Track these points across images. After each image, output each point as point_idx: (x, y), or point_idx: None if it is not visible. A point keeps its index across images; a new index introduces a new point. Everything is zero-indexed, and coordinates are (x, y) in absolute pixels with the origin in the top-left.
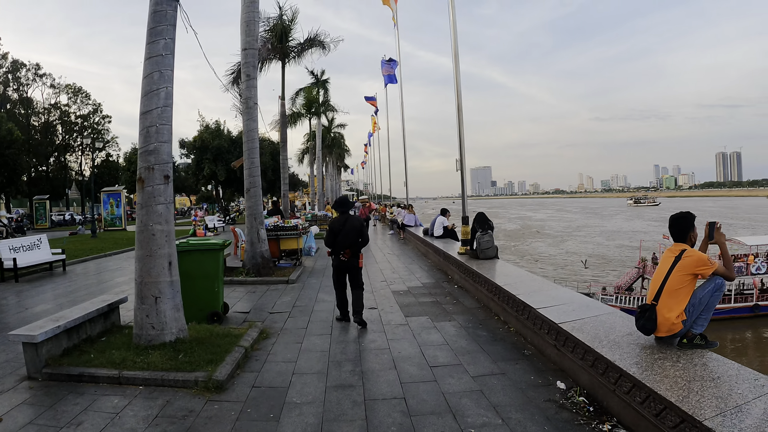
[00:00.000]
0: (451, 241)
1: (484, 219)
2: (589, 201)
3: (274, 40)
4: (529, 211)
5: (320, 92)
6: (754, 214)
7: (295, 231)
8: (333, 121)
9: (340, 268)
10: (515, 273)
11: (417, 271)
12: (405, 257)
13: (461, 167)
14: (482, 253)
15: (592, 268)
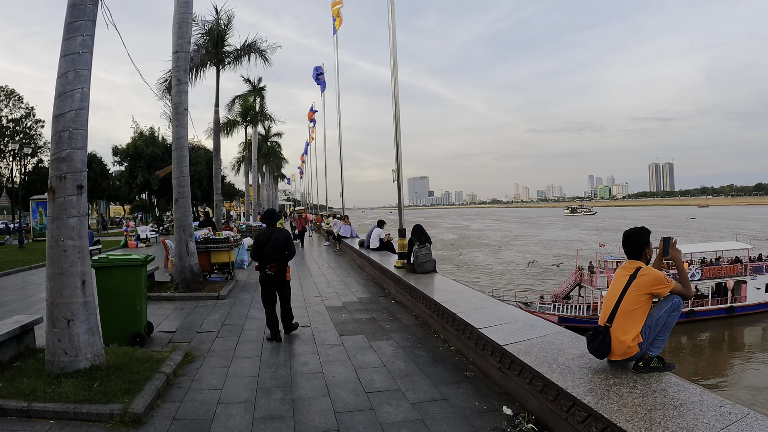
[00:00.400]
0: (388, 253)
1: (421, 231)
2: (525, 211)
3: (209, 44)
4: (466, 221)
5: (257, 100)
6: (687, 222)
7: (226, 243)
8: (270, 130)
9: (268, 282)
10: (455, 288)
11: (353, 285)
12: (341, 270)
13: (398, 178)
14: (420, 267)
15: (530, 276)
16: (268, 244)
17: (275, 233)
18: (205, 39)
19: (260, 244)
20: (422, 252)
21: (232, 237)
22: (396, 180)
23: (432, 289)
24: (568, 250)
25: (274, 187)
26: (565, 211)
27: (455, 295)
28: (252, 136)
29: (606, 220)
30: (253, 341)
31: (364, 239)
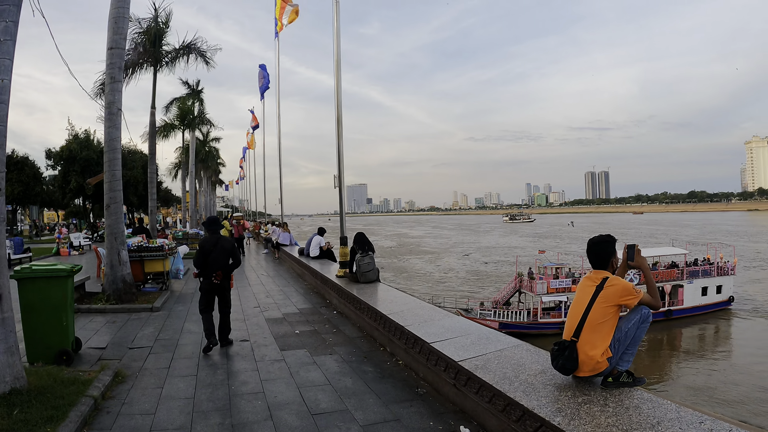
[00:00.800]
0: (329, 262)
1: (364, 240)
2: (464, 218)
3: (147, 43)
4: (405, 228)
5: (195, 104)
6: (625, 228)
7: (160, 252)
8: (208, 134)
9: (211, 291)
10: (401, 299)
11: (293, 295)
12: (280, 279)
13: (339, 184)
14: (363, 277)
15: (469, 283)
16: (213, 252)
17: (221, 241)
18: (143, 38)
19: (205, 252)
20: (365, 261)
21: (167, 245)
22: (337, 186)
23: (377, 300)
24: (507, 256)
25: (211, 193)
26: (504, 218)
27: (402, 306)
28: (190, 140)
29: (544, 227)
30: (189, 358)
31: (304, 247)
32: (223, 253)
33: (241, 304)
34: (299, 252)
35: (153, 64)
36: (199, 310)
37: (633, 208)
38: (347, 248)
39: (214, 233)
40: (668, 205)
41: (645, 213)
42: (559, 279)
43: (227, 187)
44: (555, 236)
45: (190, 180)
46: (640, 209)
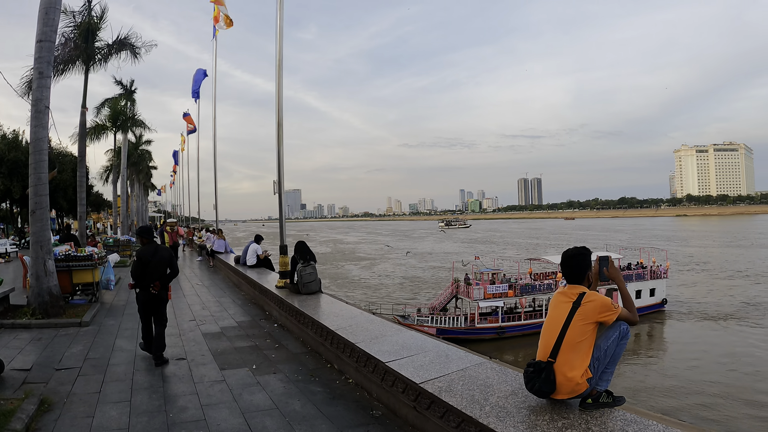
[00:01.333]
0: (267, 271)
1: (305, 249)
2: (398, 224)
3: (79, 38)
4: (339, 234)
5: (128, 105)
6: (559, 234)
7: (89, 261)
8: (141, 137)
9: (149, 302)
10: (347, 312)
11: (230, 307)
12: (216, 289)
13: (279, 190)
14: (304, 288)
15: (405, 290)
16: (152, 261)
17: (159, 250)
18: (75, 33)
19: (143, 262)
20: (307, 271)
21: (97, 254)
22: (277, 192)
23: (321, 314)
24: (443, 262)
25: (144, 198)
26: (440, 224)
27: (349, 320)
28: (122, 142)
29: (479, 232)
30: (121, 380)
31: (240, 255)
32: (161, 263)
33: (176, 317)
34: (235, 260)
35: (85, 61)
36: (140, 318)
37: (564, 214)
38: (287, 257)
39: (150, 242)
40: (599, 210)
41: (576, 219)
42: (495, 285)
43: (160, 192)
44: (490, 242)
45: (121, 184)
46: (571, 215)
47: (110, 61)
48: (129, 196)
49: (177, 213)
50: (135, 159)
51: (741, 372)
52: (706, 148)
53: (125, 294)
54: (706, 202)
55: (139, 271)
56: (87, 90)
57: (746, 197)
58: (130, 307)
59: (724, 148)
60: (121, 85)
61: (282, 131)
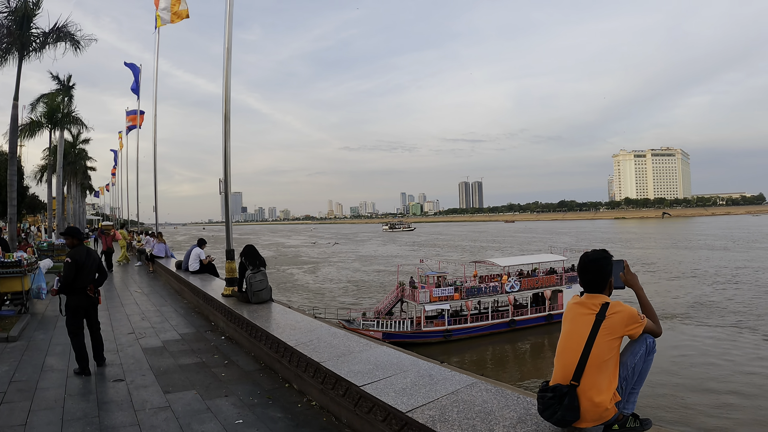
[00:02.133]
0: (211, 277)
1: (254, 253)
2: (340, 227)
3: (14, 25)
4: (282, 238)
5: (65, 101)
6: (501, 236)
7: (17, 268)
8: (79, 136)
9: (83, 307)
10: (305, 324)
11: (172, 317)
12: (156, 296)
13: (225, 189)
14: (255, 296)
15: (350, 294)
16: (86, 264)
17: (91, 253)
18: (9, 18)
19: (78, 265)
20: (257, 278)
21: (26, 259)
22: (223, 191)
23: (276, 326)
24: (387, 266)
25: (81, 200)
26: (383, 227)
27: (309, 333)
28: (58, 140)
29: (422, 235)
30: (51, 408)
31: (182, 260)
32: (94, 266)
33: (113, 329)
34: (177, 266)
35: (19, 50)
36: (68, 332)
37: (505, 217)
38: (234, 263)
39: (81, 243)
40: (539, 213)
41: (516, 221)
42: (441, 288)
43: (98, 193)
44: (433, 245)
45: (57, 184)
46: (511, 218)
47: (47, 51)
48: (65, 197)
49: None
50: (72, 158)
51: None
52: (644, 153)
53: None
54: (644, 206)
55: (73, 275)
56: (20, 82)
57: (683, 200)
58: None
59: (661, 153)
60: (58, 80)
61: (229, 126)
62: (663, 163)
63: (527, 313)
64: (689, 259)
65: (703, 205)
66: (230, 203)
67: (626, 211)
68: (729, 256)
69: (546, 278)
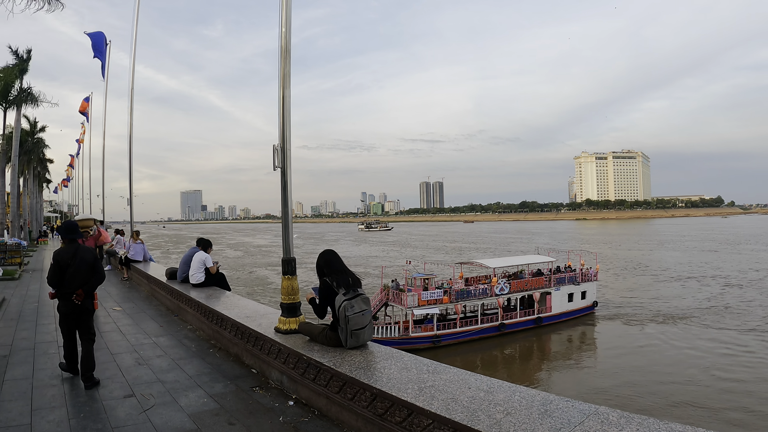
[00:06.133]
0: (222, 292)
1: (341, 266)
2: (304, 226)
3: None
4: (246, 237)
5: (23, 77)
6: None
7: None
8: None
9: (70, 314)
10: (468, 390)
11: (184, 358)
12: (143, 318)
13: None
14: (353, 338)
15: None
16: (71, 266)
17: (80, 252)
18: None
19: (62, 267)
20: (356, 308)
21: None
22: (281, 165)
23: (423, 394)
24: (366, 267)
25: (38, 195)
26: (360, 226)
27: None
28: (14, 123)
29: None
30: None
31: (178, 268)
32: (83, 266)
33: (98, 390)
34: (169, 275)
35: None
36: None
37: (465, 217)
38: (295, 280)
39: (72, 242)
40: (501, 214)
41: (476, 222)
42: (429, 291)
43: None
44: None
45: (11, 175)
46: (471, 218)
47: None
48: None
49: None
50: (29, 147)
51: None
52: (606, 156)
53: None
54: (605, 207)
55: (57, 278)
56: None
57: (643, 202)
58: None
59: (622, 156)
60: (15, 54)
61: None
62: (624, 165)
63: (516, 316)
64: (657, 259)
65: (663, 207)
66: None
67: (587, 212)
68: (728, 258)
69: (535, 280)
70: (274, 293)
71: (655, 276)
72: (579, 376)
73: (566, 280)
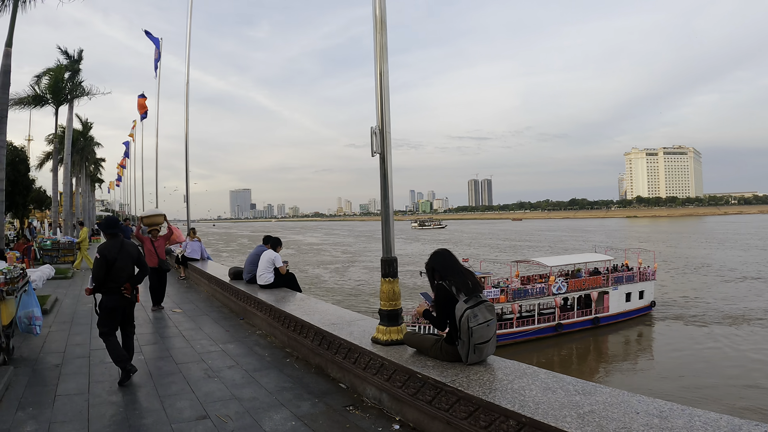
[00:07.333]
0: (294, 294)
1: (456, 267)
2: (353, 224)
3: None
4: (296, 235)
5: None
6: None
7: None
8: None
9: (118, 308)
10: None
11: (256, 370)
12: (207, 321)
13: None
14: (475, 352)
15: None
16: (118, 260)
17: (125, 246)
18: None
19: (109, 261)
20: (480, 318)
21: (6, 273)
22: (380, 150)
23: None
24: (418, 266)
25: (90, 193)
26: (413, 224)
27: None
28: (66, 120)
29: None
30: None
31: (243, 268)
32: (129, 261)
33: (163, 407)
34: (232, 275)
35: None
36: (100, 333)
37: (513, 215)
38: (396, 283)
39: (114, 237)
40: (550, 212)
41: (524, 220)
42: (485, 290)
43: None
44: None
45: (64, 174)
46: (519, 216)
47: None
48: (73, 190)
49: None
50: (81, 146)
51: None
52: (656, 151)
53: (62, 338)
54: (655, 204)
55: (102, 273)
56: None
57: (695, 199)
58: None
59: (673, 152)
60: (66, 54)
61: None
62: (675, 161)
63: (573, 316)
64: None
65: (715, 204)
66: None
67: (638, 209)
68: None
69: (593, 279)
70: (327, 293)
71: (720, 276)
72: (639, 379)
73: (624, 279)
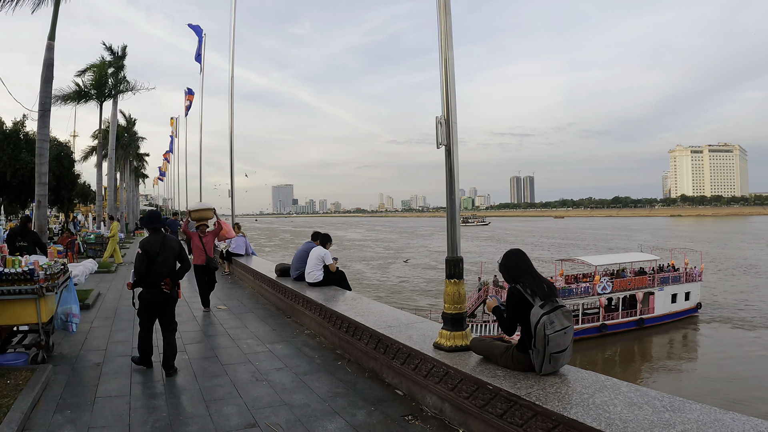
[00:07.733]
0: (344, 292)
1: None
2: (395, 220)
3: None
4: (338, 230)
5: (118, 73)
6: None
7: (25, 285)
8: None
9: (156, 303)
10: None
11: (306, 373)
12: (254, 320)
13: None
14: (551, 361)
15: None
16: (160, 254)
17: (167, 241)
18: None
19: (150, 256)
20: (556, 325)
21: (46, 268)
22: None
23: None
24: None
25: (134, 189)
26: None
27: None
28: (110, 115)
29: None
30: None
31: (291, 265)
32: (171, 255)
33: (208, 411)
34: (279, 272)
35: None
36: (139, 322)
37: (555, 213)
38: (462, 284)
39: (156, 231)
40: (593, 210)
41: (566, 218)
42: None
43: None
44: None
45: (108, 168)
46: (562, 213)
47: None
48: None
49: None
50: (126, 141)
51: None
52: (701, 149)
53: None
54: (700, 203)
55: (144, 267)
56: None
57: (740, 198)
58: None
59: (719, 149)
60: (110, 51)
61: None
62: (720, 159)
63: (618, 316)
64: None
65: (761, 204)
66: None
67: (682, 208)
68: None
69: (638, 279)
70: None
71: None
72: (685, 383)
73: (670, 280)
